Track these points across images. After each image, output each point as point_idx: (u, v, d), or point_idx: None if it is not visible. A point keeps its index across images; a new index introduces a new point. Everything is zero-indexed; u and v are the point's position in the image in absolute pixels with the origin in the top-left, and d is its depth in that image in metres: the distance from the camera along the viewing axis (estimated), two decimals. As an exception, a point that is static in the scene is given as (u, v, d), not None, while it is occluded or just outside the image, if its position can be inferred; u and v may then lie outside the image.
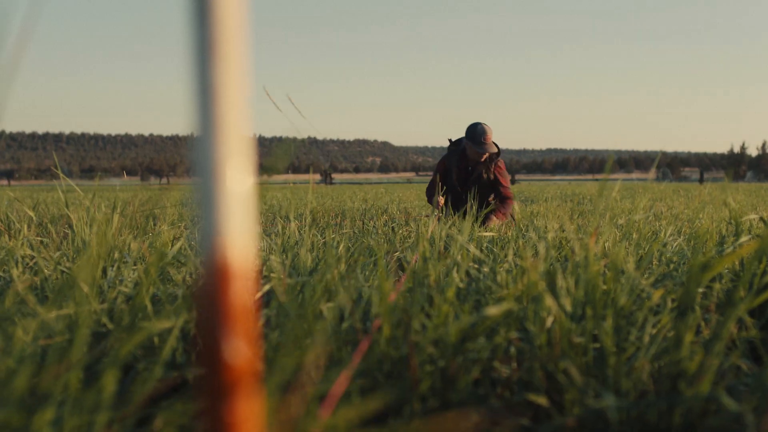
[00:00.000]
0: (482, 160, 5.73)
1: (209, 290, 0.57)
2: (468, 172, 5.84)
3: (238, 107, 0.58)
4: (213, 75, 0.56)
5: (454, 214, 5.68)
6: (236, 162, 0.58)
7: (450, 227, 3.15)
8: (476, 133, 5.67)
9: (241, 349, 0.58)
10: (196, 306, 0.59)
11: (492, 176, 5.77)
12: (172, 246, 2.61)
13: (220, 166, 0.57)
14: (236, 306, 0.58)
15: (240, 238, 0.59)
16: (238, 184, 0.58)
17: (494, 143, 5.76)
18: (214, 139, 0.57)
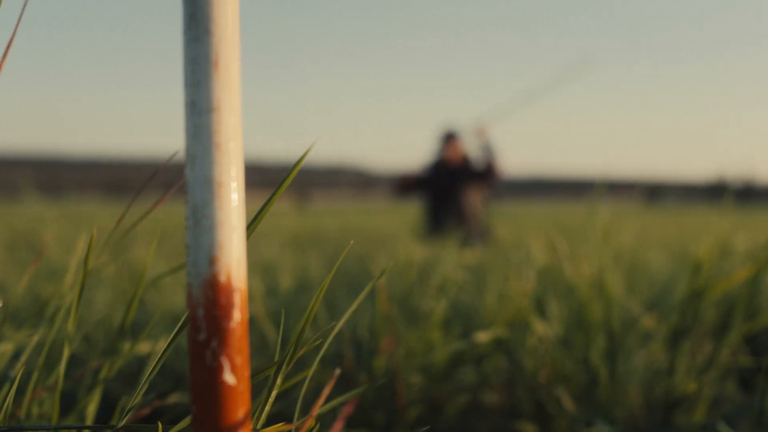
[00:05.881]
0: (454, 161, 6.42)
1: (206, 311, 0.55)
2: (442, 180, 6.47)
3: (235, 124, 0.56)
4: (212, 92, 0.55)
5: (434, 225, 6.32)
6: (233, 181, 0.56)
7: (432, 249, 3.14)
8: (442, 135, 6.62)
9: (239, 371, 0.55)
10: (190, 328, 0.57)
11: (466, 178, 6.39)
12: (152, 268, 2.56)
13: (216, 185, 0.55)
14: (234, 327, 0.55)
15: (236, 259, 0.57)
16: (233, 203, 0.56)
17: (465, 151, 6.51)
18: (211, 158, 0.55)
